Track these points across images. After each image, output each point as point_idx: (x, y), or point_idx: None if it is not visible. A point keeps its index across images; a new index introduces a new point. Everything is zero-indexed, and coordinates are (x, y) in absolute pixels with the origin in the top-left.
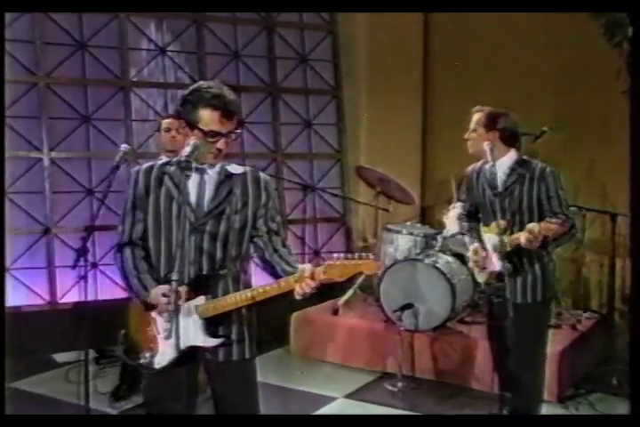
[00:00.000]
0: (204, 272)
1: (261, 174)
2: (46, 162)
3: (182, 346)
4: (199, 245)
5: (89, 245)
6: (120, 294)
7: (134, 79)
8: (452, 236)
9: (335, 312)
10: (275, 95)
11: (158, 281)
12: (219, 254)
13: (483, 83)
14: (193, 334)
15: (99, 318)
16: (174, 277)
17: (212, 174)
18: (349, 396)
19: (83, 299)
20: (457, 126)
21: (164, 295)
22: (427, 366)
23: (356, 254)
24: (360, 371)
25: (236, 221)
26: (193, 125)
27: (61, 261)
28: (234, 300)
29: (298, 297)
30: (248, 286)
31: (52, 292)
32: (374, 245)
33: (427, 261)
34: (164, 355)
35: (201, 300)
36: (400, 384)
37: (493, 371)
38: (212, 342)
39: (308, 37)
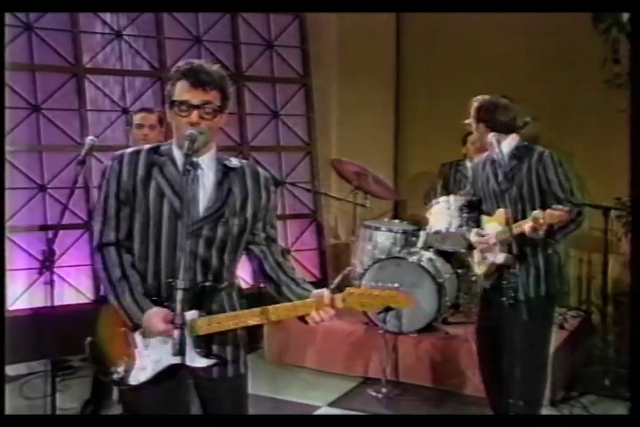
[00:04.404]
0: (198, 281)
1: (260, 169)
2: None
3: (166, 363)
4: (194, 250)
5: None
6: (76, 298)
7: (88, 65)
8: (437, 232)
9: None
10: (240, 83)
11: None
12: (214, 262)
13: (458, 71)
14: None
15: (54, 325)
16: (180, 285)
17: (207, 170)
18: (333, 404)
19: (38, 305)
20: (431, 117)
21: (165, 321)
22: (412, 371)
23: (383, 285)
24: (340, 377)
25: (235, 224)
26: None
27: (11, 264)
28: (235, 319)
29: (310, 323)
30: (241, 300)
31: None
32: (351, 242)
33: (410, 259)
34: (142, 370)
35: (193, 314)
36: (384, 390)
37: (480, 374)
38: (202, 362)
39: (274, 22)
